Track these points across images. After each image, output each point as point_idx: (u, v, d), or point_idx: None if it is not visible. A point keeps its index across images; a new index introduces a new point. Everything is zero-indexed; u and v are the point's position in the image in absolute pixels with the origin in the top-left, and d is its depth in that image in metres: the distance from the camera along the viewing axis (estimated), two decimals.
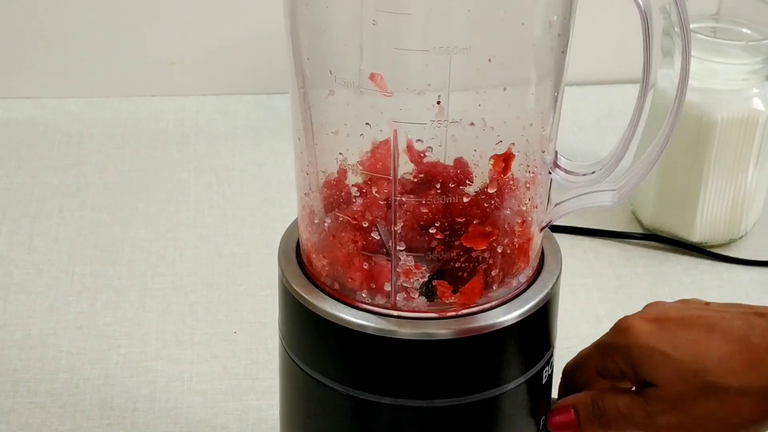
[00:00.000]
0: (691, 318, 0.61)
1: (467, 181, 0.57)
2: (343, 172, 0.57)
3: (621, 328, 0.62)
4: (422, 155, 0.56)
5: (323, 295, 0.57)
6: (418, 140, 0.55)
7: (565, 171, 0.58)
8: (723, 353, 0.59)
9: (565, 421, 0.63)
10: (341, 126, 0.56)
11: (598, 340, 0.64)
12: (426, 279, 0.56)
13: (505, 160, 0.56)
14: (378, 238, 0.56)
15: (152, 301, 0.91)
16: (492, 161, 0.56)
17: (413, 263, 0.56)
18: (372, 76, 0.53)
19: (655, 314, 0.62)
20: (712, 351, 0.59)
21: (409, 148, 0.56)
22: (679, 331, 0.60)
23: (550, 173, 0.58)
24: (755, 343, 0.59)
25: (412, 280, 0.56)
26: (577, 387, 0.65)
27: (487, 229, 0.56)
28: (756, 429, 0.60)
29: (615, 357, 0.62)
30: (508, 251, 0.57)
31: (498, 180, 0.56)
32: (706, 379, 0.59)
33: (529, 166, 0.57)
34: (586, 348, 0.65)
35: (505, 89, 0.55)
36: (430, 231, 0.56)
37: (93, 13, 1.16)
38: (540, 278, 0.59)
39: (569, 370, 0.66)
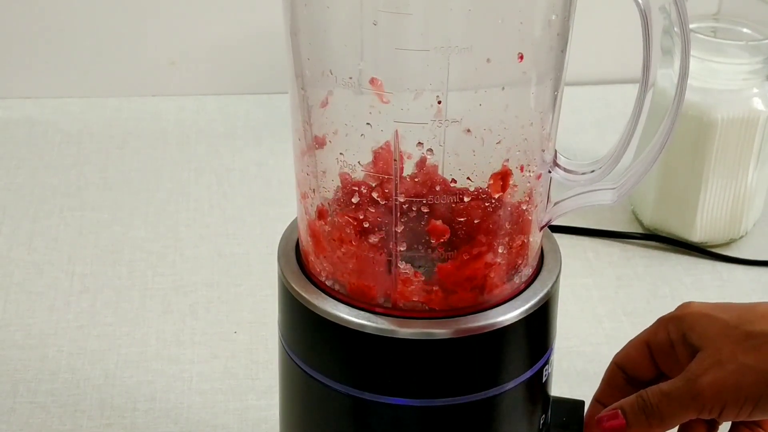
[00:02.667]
0: (744, 303, 0.66)
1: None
2: (343, 173, 0.57)
3: (681, 305, 0.66)
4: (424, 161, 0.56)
5: (323, 294, 0.57)
6: (419, 143, 0.55)
7: (565, 170, 0.59)
8: (766, 311, 0.63)
9: (615, 426, 0.64)
10: (341, 126, 0.56)
11: (659, 318, 0.67)
12: (425, 279, 0.56)
13: (502, 177, 0.56)
14: (378, 238, 0.56)
15: (152, 301, 0.91)
16: (491, 181, 0.56)
17: (414, 263, 0.56)
18: (372, 81, 0.53)
19: (716, 302, 0.66)
20: (757, 310, 0.63)
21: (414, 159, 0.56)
22: (731, 305, 0.65)
23: (549, 172, 0.58)
24: None
25: (410, 287, 0.56)
26: (624, 370, 0.66)
27: (475, 250, 0.56)
28: None
29: (669, 326, 0.65)
30: (508, 251, 0.57)
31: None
32: (746, 329, 0.62)
33: (528, 165, 0.57)
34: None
35: (503, 89, 0.55)
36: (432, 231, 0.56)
37: (93, 13, 1.16)
38: (539, 277, 0.59)
39: (620, 352, 0.68)
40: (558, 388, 0.66)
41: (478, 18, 0.53)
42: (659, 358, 0.66)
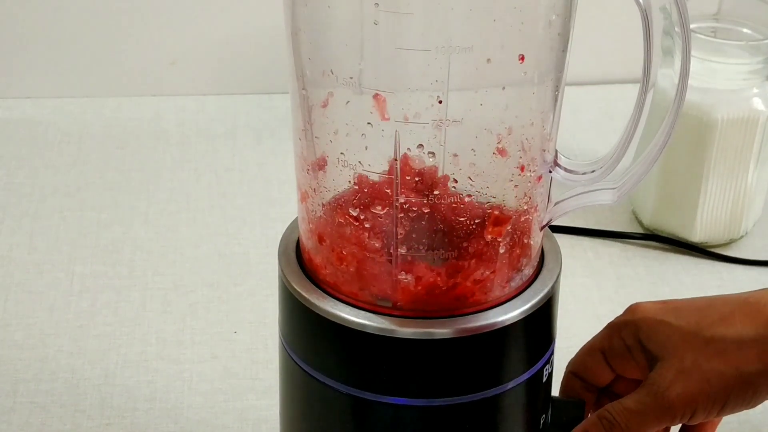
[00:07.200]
0: (694, 298, 0.65)
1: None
2: (343, 172, 0.57)
3: (630, 308, 0.65)
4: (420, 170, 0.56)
5: (323, 294, 0.57)
6: (420, 144, 0.55)
7: (566, 170, 0.59)
8: (723, 313, 0.62)
9: None
10: (342, 126, 0.56)
11: (608, 323, 0.66)
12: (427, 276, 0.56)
13: (494, 223, 0.56)
14: (378, 238, 0.56)
15: (152, 301, 0.91)
16: (490, 236, 0.56)
17: (414, 263, 0.56)
18: (376, 96, 0.53)
19: (662, 300, 0.65)
20: (712, 313, 0.63)
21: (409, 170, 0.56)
22: (683, 306, 0.64)
23: (550, 172, 0.58)
24: (752, 302, 0.63)
25: (410, 287, 0.56)
26: (581, 378, 0.66)
27: (467, 276, 0.56)
28: (760, 383, 0.61)
29: (623, 332, 0.65)
30: (509, 251, 0.57)
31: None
32: (706, 335, 0.62)
33: (529, 165, 0.57)
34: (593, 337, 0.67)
35: (504, 89, 0.55)
36: (432, 231, 0.56)
37: (93, 13, 1.16)
38: (540, 277, 0.59)
39: (574, 360, 0.67)
40: (558, 388, 0.66)
41: (479, 18, 0.53)
42: (615, 363, 0.65)
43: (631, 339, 0.64)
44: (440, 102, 0.53)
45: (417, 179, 0.56)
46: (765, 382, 0.61)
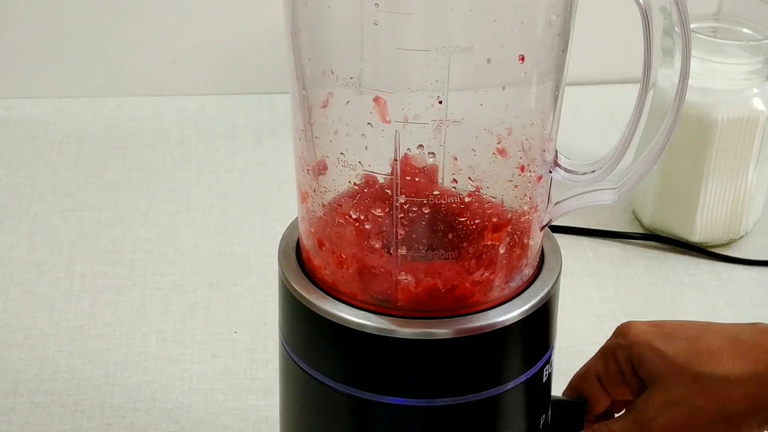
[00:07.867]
0: (686, 323, 0.65)
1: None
2: (343, 173, 0.57)
3: (622, 329, 0.65)
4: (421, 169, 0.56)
5: (323, 294, 0.57)
6: (420, 144, 0.55)
7: (566, 170, 0.59)
8: (713, 348, 0.62)
9: None
10: (342, 126, 0.56)
11: (601, 347, 0.66)
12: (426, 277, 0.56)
13: (493, 229, 0.56)
14: (378, 238, 0.56)
15: (152, 301, 0.91)
16: (489, 242, 0.56)
17: (414, 263, 0.56)
18: (376, 99, 0.53)
19: (654, 321, 0.65)
20: (702, 345, 0.62)
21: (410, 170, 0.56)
22: (675, 331, 0.64)
23: (550, 172, 0.58)
24: (744, 340, 0.62)
25: (410, 287, 0.56)
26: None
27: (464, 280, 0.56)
28: (744, 423, 0.61)
29: (616, 354, 0.65)
30: (509, 251, 0.57)
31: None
32: (695, 370, 0.62)
33: (529, 165, 0.57)
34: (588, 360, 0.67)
35: (504, 89, 0.55)
36: (432, 231, 0.56)
37: (93, 13, 1.16)
38: (540, 277, 0.59)
39: (568, 388, 0.67)
40: (558, 388, 0.66)
41: (479, 18, 0.53)
42: (611, 387, 0.66)
43: (624, 363, 0.64)
44: (440, 102, 0.53)
45: (417, 180, 0.56)
46: (749, 424, 0.61)
